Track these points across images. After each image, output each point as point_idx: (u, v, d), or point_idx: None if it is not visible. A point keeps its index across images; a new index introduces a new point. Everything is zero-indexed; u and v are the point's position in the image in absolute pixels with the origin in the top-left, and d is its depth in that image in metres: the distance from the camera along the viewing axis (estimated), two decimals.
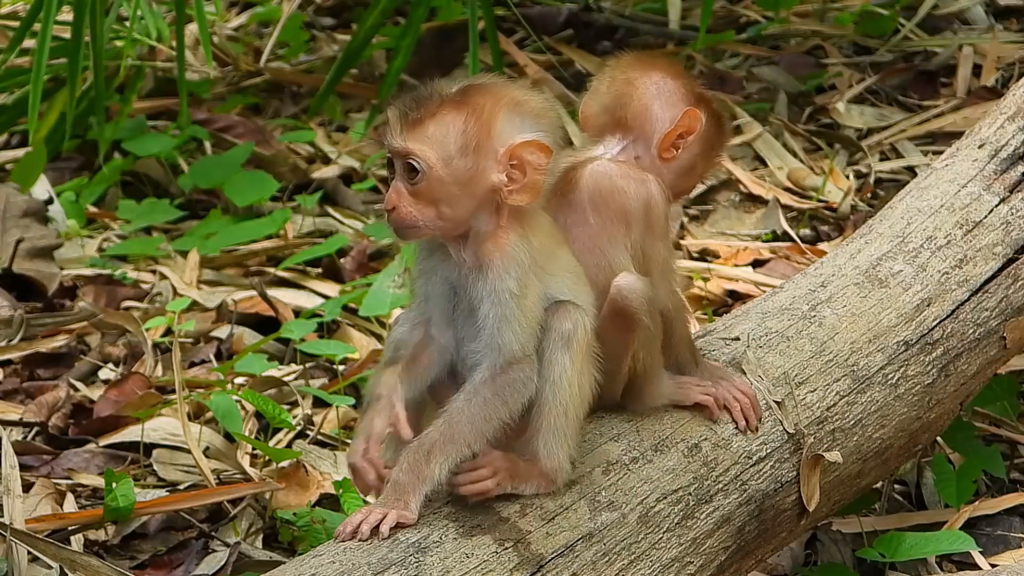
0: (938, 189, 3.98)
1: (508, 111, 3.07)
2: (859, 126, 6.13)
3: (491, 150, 3.06)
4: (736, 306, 4.85)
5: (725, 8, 7.05)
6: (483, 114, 3.06)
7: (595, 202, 3.29)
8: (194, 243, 5.60)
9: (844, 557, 3.97)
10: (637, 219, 3.30)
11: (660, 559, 3.26)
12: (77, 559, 3.70)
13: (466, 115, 3.05)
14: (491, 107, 3.06)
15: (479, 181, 3.06)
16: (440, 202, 3.06)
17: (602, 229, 3.29)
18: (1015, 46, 6.48)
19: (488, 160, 3.06)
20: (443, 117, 3.05)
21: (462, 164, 3.05)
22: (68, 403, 4.72)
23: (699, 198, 5.71)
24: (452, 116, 3.05)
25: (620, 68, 3.45)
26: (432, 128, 3.05)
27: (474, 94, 3.07)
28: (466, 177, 3.05)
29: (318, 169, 6.14)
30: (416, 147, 3.05)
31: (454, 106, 3.05)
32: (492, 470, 3.09)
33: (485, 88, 3.09)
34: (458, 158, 3.05)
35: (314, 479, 4.26)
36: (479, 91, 3.08)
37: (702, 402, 3.41)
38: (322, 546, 3.07)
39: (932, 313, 3.77)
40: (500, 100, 3.08)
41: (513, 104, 3.09)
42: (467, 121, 3.05)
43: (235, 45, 7.06)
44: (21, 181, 5.83)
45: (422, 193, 3.06)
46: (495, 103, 3.07)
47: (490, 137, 3.06)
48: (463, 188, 3.06)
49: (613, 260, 3.28)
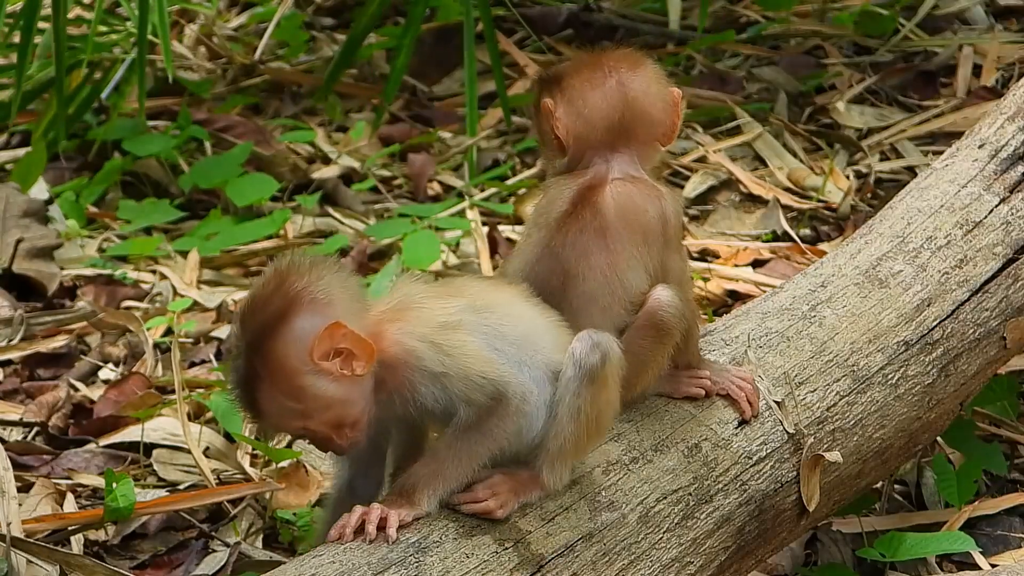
0: (938, 189, 3.98)
1: (280, 337, 3.00)
2: (859, 126, 6.12)
3: (307, 372, 3.01)
4: (736, 306, 4.85)
5: (725, 8, 7.05)
6: (272, 364, 2.99)
7: (618, 225, 3.27)
8: (194, 243, 5.59)
9: (844, 557, 3.97)
10: (656, 236, 3.30)
11: (660, 559, 3.26)
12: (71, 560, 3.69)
13: (266, 379, 3.01)
14: (269, 351, 2.99)
15: (334, 391, 3.03)
16: (340, 424, 3.06)
17: (623, 250, 3.27)
18: (1015, 46, 6.48)
19: (316, 378, 3.01)
20: (260, 393, 3.02)
21: (311, 403, 3.02)
22: (68, 403, 4.72)
23: (699, 198, 5.71)
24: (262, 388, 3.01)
25: (593, 74, 3.35)
26: (272, 404, 3.02)
27: (253, 355, 3.00)
28: (326, 403, 3.03)
29: (318, 169, 6.14)
30: (283, 429, 3.12)
31: (254, 379, 3.01)
32: (491, 492, 3.10)
33: (253, 339, 3.00)
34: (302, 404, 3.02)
35: (314, 479, 4.26)
36: (252, 348, 3.00)
37: (692, 394, 3.43)
38: (322, 546, 3.06)
39: (932, 313, 3.77)
40: (267, 334, 3.00)
41: (276, 326, 3.00)
42: (272, 382, 3.01)
43: (234, 44, 7.06)
44: (21, 181, 5.83)
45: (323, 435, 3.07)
46: (268, 344, 2.99)
47: (296, 370, 3.00)
48: (335, 407, 3.04)
49: (633, 278, 3.27)
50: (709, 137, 6.04)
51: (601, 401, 3.11)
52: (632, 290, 3.27)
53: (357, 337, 3.01)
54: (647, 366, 3.30)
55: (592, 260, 3.25)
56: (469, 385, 3.03)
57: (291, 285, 3.01)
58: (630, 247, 3.27)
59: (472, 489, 3.09)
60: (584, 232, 3.26)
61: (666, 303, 3.26)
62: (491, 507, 3.09)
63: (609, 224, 3.26)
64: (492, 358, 3.06)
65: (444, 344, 3.04)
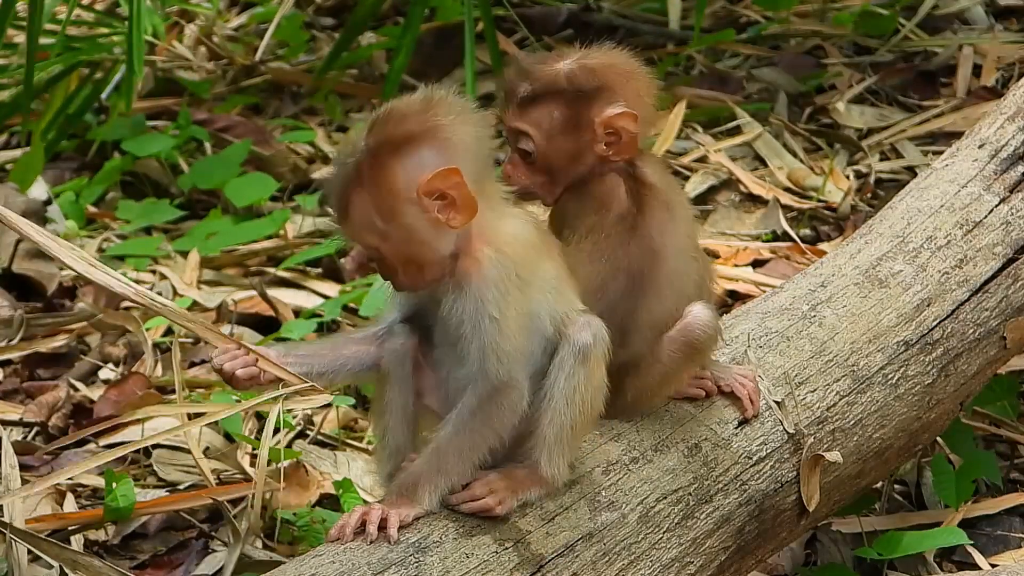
0: (938, 189, 3.98)
1: (401, 157, 3.05)
2: (859, 126, 6.12)
3: (407, 200, 3.04)
4: (736, 306, 4.85)
5: (725, 8, 7.05)
6: (381, 177, 3.05)
7: (678, 197, 3.41)
8: (194, 243, 5.59)
9: (844, 557, 3.97)
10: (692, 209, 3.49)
11: (660, 559, 3.26)
12: (78, 559, 3.69)
13: (369, 188, 3.06)
14: (386, 164, 3.06)
15: (420, 229, 3.06)
16: (410, 261, 3.09)
17: (687, 217, 3.38)
18: (1015, 46, 6.48)
19: (412, 209, 3.05)
20: (356, 198, 3.06)
21: (395, 229, 3.06)
22: (68, 403, 4.72)
23: (699, 198, 5.71)
24: (361, 194, 3.06)
25: (637, 68, 3.36)
26: (361, 212, 3.06)
27: (369, 160, 3.07)
28: (408, 235, 3.06)
29: (318, 169, 6.14)
30: (358, 239, 3.11)
31: (358, 183, 3.07)
32: (489, 490, 3.09)
33: (376, 145, 3.09)
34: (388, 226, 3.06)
35: (314, 479, 4.26)
36: (371, 154, 3.08)
37: (692, 395, 3.43)
38: (322, 546, 3.07)
39: (932, 313, 3.77)
40: (392, 149, 3.07)
41: (402, 145, 3.07)
42: (373, 193, 3.06)
43: (234, 45, 7.06)
44: (19, 181, 5.83)
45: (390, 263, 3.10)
46: (388, 157, 3.06)
47: (398, 193, 3.05)
48: (414, 244, 3.07)
49: (696, 255, 3.36)
50: (709, 137, 6.04)
51: (594, 382, 3.11)
52: (698, 266, 3.33)
53: (468, 193, 3.03)
54: (672, 378, 3.34)
55: (668, 237, 3.27)
56: (493, 348, 3.03)
57: (435, 115, 3.06)
58: (690, 213, 3.38)
59: (470, 487, 3.09)
60: (655, 209, 3.28)
61: (704, 322, 3.30)
62: (490, 504, 3.08)
63: (671, 198, 3.31)
64: (522, 349, 3.05)
65: (510, 298, 3.04)
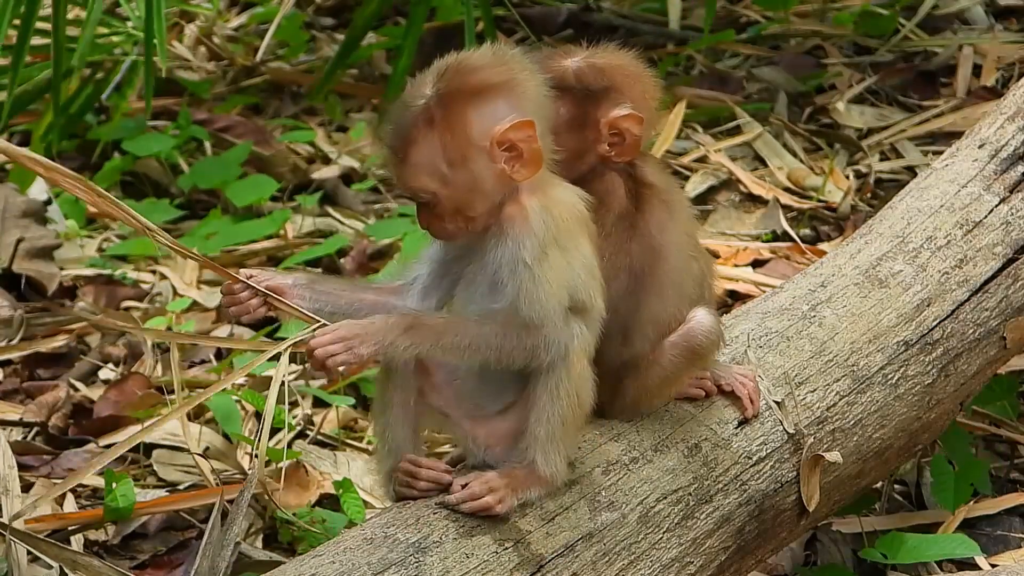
0: (938, 189, 3.98)
1: (477, 105, 3.01)
2: (859, 126, 6.13)
3: (478, 148, 3.01)
4: (736, 306, 4.85)
5: (725, 8, 7.05)
6: (454, 122, 3.00)
7: (675, 195, 3.39)
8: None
9: (844, 557, 3.97)
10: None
11: (660, 559, 3.26)
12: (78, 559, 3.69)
13: (440, 132, 3.01)
14: (459, 111, 3.01)
15: (484, 178, 3.03)
16: (461, 210, 3.05)
17: (685, 214, 3.37)
18: (1015, 46, 6.48)
19: (481, 158, 3.02)
20: (422, 141, 3.02)
21: (460, 175, 3.03)
22: (68, 403, 4.72)
23: (699, 198, 5.71)
24: (429, 137, 3.01)
25: (642, 69, 3.36)
26: (425, 155, 3.02)
27: (440, 104, 3.01)
28: (470, 182, 3.03)
29: (318, 169, 6.14)
30: (415, 182, 3.05)
31: (427, 125, 3.01)
32: (488, 488, 3.08)
33: (449, 90, 3.02)
34: (452, 172, 3.02)
35: (314, 479, 4.26)
36: (443, 99, 3.01)
37: (692, 395, 3.43)
38: (322, 546, 3.07)
39: (932, 313, 3.77)
40: (467, 96, 3.01)
41: (478, 94, 3.02)
42: (443, 137, 3.01)
43: (235, 45, 7.06)
44: (19, 181, 5.83)
45: (441, 209, 3.07)
46: (462, 104, 3.01)
47: (470, 140, 3.01)
48: (473, 192, 3.04)
49: (696, 254, 3.35)
50: (709, 137, 6.04)
51: (575, 374, 3.08)
52: (699, 265, 3.32)
53: (537, 147, 3.01)
54: (673, 382, 3.34)
55: (668, 236, 3.26)
56: (526, 293, 3.00)
57: (510, 68, 3.03)
58: (689, 212, 3.36)
59: (469, 487, 3.08)
60: (655, 208, 3.27)
61: (707, 328, 3.29)
62: (490, 503, 3.08)
63: (670, 197, 3.30)
64: (554, 300, 3.01)
65: (548, 251, 3.01)
